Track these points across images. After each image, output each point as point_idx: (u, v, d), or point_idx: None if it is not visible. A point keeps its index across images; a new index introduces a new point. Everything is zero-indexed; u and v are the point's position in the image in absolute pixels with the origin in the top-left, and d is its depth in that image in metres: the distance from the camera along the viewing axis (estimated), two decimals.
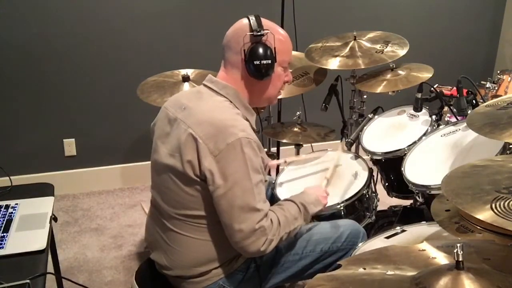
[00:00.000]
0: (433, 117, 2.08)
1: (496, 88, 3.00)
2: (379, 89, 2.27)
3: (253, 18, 1.42)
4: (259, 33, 1.39)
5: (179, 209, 1.42)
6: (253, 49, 1.40)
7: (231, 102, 1.44)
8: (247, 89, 1.47)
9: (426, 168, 1.80)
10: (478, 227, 1.17)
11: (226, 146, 1.31)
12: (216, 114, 1.38)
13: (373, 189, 1.94)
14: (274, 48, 1.42)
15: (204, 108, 1.41)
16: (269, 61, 1.40)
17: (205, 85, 1.49)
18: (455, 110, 2.13)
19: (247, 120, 1.45)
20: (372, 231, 2.05)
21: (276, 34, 1.43)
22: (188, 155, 1.35)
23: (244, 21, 1.44)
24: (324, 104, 2.37)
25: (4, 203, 1.70)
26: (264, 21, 1.44)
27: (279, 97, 2.38)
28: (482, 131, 1.29)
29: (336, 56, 2.34)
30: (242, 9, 1.47)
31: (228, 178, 1.31)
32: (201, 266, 1.44)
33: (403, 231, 1.58)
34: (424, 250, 1.02)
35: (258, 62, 1.39)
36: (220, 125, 1.34)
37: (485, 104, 1.47)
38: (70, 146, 3.18)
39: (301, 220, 1.48)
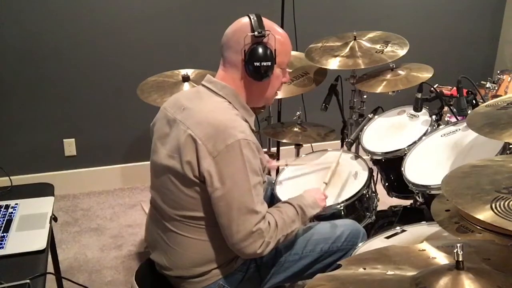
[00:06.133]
0: (433, 117, 2.08)
1: (496, 88, 3.00)
2: (379, 89, 2.27)
3: (255, 17, 1.41)
4: (260, 34, 1.39)
5: (178, 210, 1.42)
6: (254, 50, 1.39)
7: (230, 103, 1.43)
8: (246, 89, 1.46)
9: (426, 168, 1.80)
10: (478, 227, 1.17)
11: (225, 148, 1.30)
12: (215, 115, 1.38)
13: (373, 189, 1.94)
14: (275, 50, 1.42)
15: (204, 108, 1.41)
16: (269, 63, 1.40)
17: (204, 85, 1.48)
18: (455, 110, 2.13)
19: (246, 121, 1.45)
20: (372, 231, 2.05)
21: (276, 35, 1.43)
22: (187, 155, 1.34)
23: (245, 20, 1.43)
24: (324, 104, 2.36)
25: (4, 203, 1.70)
26: (266, 21, 1.43)
27: (279, 97, 2.40)
28: (482, 131, 1.29)
29: (336, 56, 2.34)
30: (242, 9, 1.46)
31: (227, 179, 1.31)
32: (201, 266, 1.44)
33: (403, 231, 1.58)
34: (424, 250, 1.02)
35: (258, 64, 1.39)
36: (220, 126, 1.33)
37: (485, 104, 1.47)
38: (70, 146, 3.18)
39: (299, 222, 1.48)
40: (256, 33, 1.39)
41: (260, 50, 1.39)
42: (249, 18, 1.42)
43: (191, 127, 1.36)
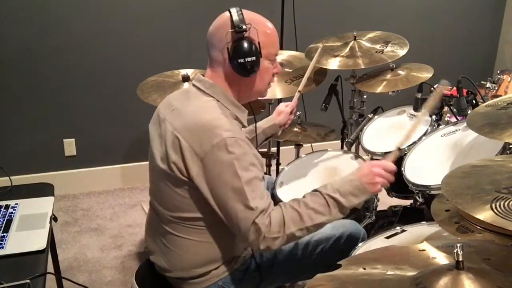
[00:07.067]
0: (433, 117, 2.08)
1: (496, 88, 3.00)
2: (379, 89, 2.27)
3: (235, 11, 1.37)
4: (241, 29, 1.34)
5: (174, 211, 1.41)
6: (236, 47, 1.35)
7: (218, 101, 1.40)
8: (235, 86, 1.43)
9: (426, 168, 1.80)
10: (478, 227, 1.17)
11: (211, 148, 1.28)
12: (200, 115, 1.35)
13: None
14: (258, 43, 1.37)
15: (190, 109, 1.39)
16: (254, 58, 1.36)
17: (193, 85, 1.46)
18: (455, 110, 2.13)
19: (237, 118, 1.43)
20: (372, 231, 2.05)
21: (260, 27, 1.38)
22: (172, 156, 1.33)
23: (226, 15, 1.39)
24: (324, 104, 2.36)
25: (4, 203, 1.70)
26: (247, 14, 1.38)
27: (279, 97, 2.39)
28: (482, 131, 1.29)
29: (336, 56, 2.34)
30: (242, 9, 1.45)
31: (216, 182, 1.29)
32: (201, 268, 1.43)
33: (403, 231, 1.57)
34: (424, 250, 1.02)
35: (242, 60, 1.35)
36: (205, 126, 1.31)
37: (485, 104, 1.47)
38: (70, 146, 3.18)
39: (331, 214, 1.34)
40: (236, 28, 1.35)
41: (243, 45, 1.35)
42: (230, 13, 1.38)
43: (177, 129, 1.35)
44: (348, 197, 1.35)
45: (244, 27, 1.35)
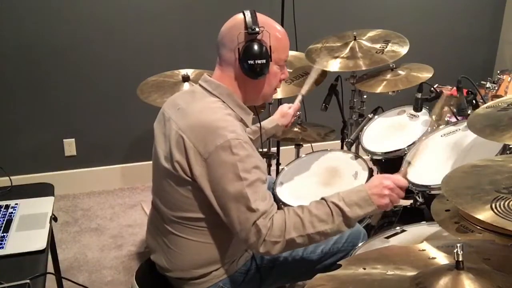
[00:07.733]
0: (433, 117, 2.08)
1: (496, 88, 3.00)
2: (379, 89, 2.27)
3: (249, 14, 1.37)
4: (254, 31, 1.35)
5: (176, 211, 1.41)
6: (248, 48, 1.35)
7: (223, 102, 1.40)
8: (242, 88, 1.43)
9: (426, 168, 1.80)
10: (478, 227, 1.17)
11: (215, 148, 1.28)
12: (205, 116, 1.35)
13: None
14: (270, 46, 1.38)
15: (195, 109, 1.38)
16: (264, 61, 1.36)
17: (200, 85, 1.46)
18: (455, 110, 2.13)
19: (241, 120, 1.43)
20: (372, 231, 2.05)
21: (272, 31, 1.39)
22: (176, 155, 1.33)
23: (239, 17, 1.40)
24: (324, 104, 2.36)
25: (4, 203, 1.70)
26: (260, 17, 1.39)
27: (279, 97, 2.40)
28: (483, 133, 1.28)
29: (336, 57, 2.33)
30: (243, 9, 1.45)
31: (219, 181, 1.29)
32: (201, 268, 1.43)
33: (403, 231, 1.57)
34: (424, 250, 1.02)
35: (252, 62, 1.35)
36: (209, 127, 1.31)
37: (485, 105, 1.47)
38: (70, 146, 3.19)
39: (334, 223, 1.31)
40: (249, 30, 1.35)
41: (254, 47, 1.35)
42: (244, 14, 1.38)
43: (182, 128, 1.35)
44: (353, 207, 1.32)
45: (257, 29, 1.35)
